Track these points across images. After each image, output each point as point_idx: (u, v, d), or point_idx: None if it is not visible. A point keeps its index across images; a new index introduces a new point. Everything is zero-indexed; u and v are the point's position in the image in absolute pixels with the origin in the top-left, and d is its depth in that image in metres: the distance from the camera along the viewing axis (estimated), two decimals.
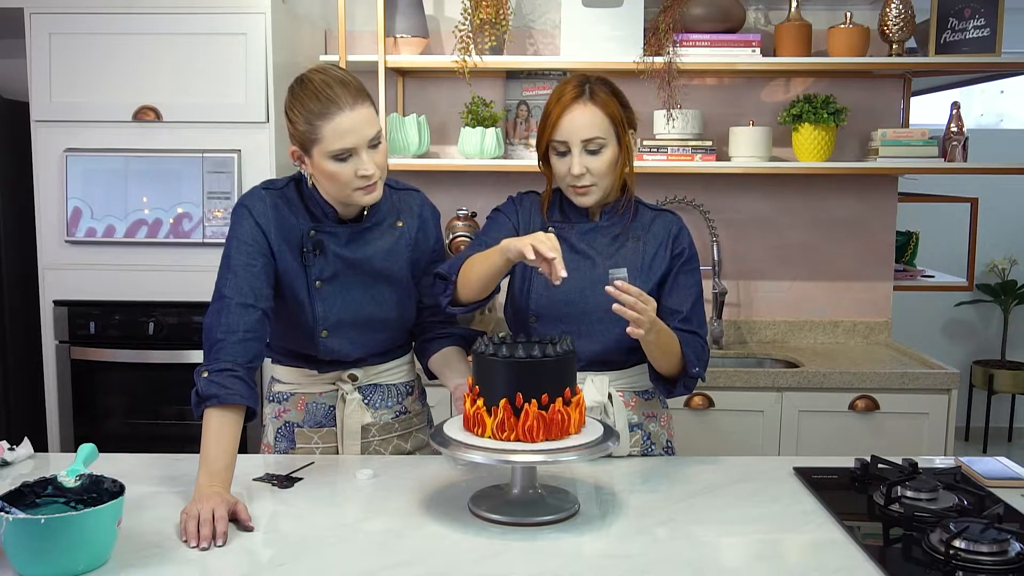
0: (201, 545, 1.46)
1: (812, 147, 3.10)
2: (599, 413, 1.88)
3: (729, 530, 1.56)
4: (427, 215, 1.99)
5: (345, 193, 1.76)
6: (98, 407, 2.93)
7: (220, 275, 1.78)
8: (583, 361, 1.88)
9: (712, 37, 3.06)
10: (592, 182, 1.85)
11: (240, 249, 1.78)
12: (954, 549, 1.41)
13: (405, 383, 2.04)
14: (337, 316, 1.87)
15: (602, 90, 1.85)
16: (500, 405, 1.53)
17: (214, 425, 1.65)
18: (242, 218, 1.81)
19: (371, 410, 1.98)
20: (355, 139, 1.71)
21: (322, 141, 1.71)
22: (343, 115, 1.69)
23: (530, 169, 3.01)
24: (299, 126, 1.72)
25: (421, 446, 2.06)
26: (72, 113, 2.83)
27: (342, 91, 1.71)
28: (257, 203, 1.82)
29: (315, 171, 1.76)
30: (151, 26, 2.79)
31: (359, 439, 1.97)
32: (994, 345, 5.31)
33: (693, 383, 1.89)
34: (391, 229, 1.92)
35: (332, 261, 1.85)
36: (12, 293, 3.16)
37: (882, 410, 2.86)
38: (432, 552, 1.46)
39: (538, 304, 1.90)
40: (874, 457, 1.81)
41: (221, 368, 1.68)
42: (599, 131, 1.83)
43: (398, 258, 1.91)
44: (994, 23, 2.97)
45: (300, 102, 1.72)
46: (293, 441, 1.98)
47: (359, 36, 3.27)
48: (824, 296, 3.42)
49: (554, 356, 1.55)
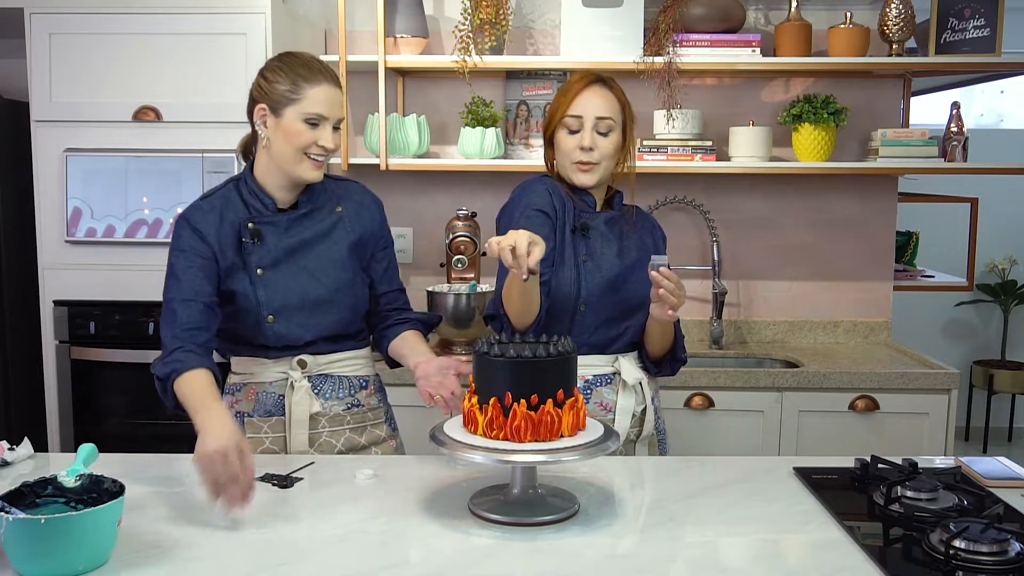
0: (234, 509, 1.52)
1: (812, 147, 3.10)
2: (633, 390, 2.02)
3: (729, 530, 1.56)
4: (368, 201, 2.07)
5: (297, 158, 1.88)
6: (98, 407, 2.93)
7: (165, 285, 1.89)
8: (621, 343, 2.03)
9: (712, 37, 3.06)
10: (597, 160, 1.97)
11: (179, 257, 1.89)
12: (954, 549, 1.41)
13: (359, 376, 2.05)
14: (281, 300, 1.93)
15: (616, 84, 2.02)
16: (490, 403, 1.53)
17: (185, 386, 1.72)
18: (181, 228, 1.92)
19: (320, 400, 1.99)
20: (329, 110, 1.88)
21: (301, 102, 1.86)
22: (326, 86, 1.88)
23: (530, 169, 3.01)
24: (279, 85, 1.87)
25: (377, 440, 2.07)
26: (72, 113, 2.83)
27: (327, 70, 1.91)
28: (194, 212, 1.94)
29: (278, 131, 1.88)
30: (151, 26, 2.79)
31: (307, 428, 1.98)
32: (994, 345, 5.31)
33: (679, 366, 2.10)
34: (330, 215, 2.01)
35: (272, 248, 1.94)
36: (12, 293, 3.16)
37: (882, 410, 2.86)
38: (432, 552, 1.46)
39: (588, 292, 1.98)
40: (874, 457, 1.81)
41: (170, 351, 1.79)
42: (612, 112, 1.97)
43: (338, 240, 1.99)
44: (994, 23, 2.97)
45: (288, 66, 1.88)
46: (243, 431, 1.98)
47: (359, 36, 3.27)
48: (824, 296, 3.42)
49: (545, 357, 1.54)
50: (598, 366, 2.01)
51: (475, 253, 3.09)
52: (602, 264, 1.99)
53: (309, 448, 1.99)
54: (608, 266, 1.99)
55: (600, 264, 1.99)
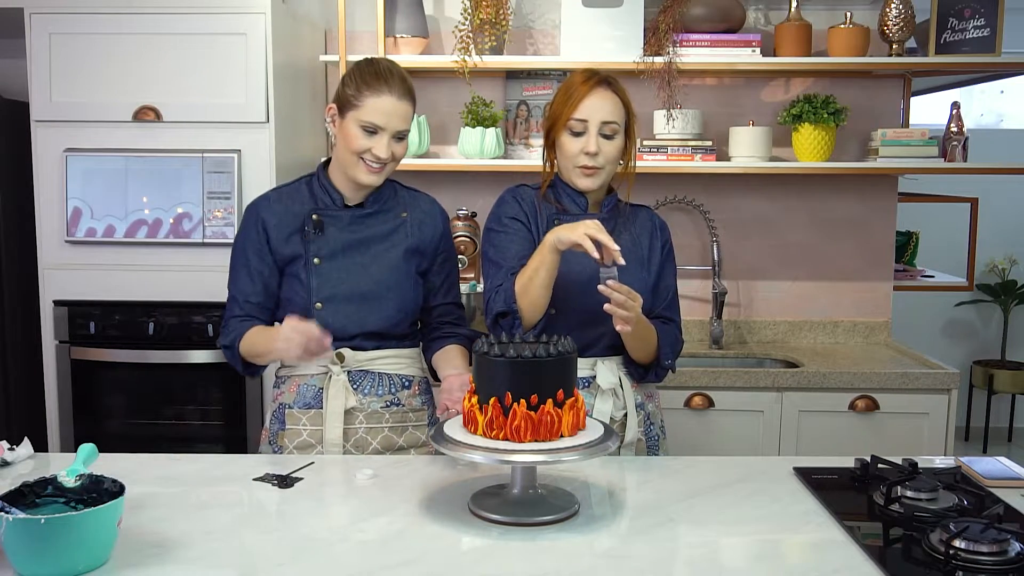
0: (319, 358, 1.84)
1: (812, 147, 3.10)
2: (612, 394, 1.98)
3: (729, 530, 1.56)
4: (435, 212, 2.12)
5: (353, 161, 1.94)
6: (98, 407, 2.93)
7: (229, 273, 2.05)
8: (600, 347, 1.99)
9: (712, 37, 3.07)
10: (602, 164, 1.95)
11: (239, 255, 2.03)
12: (954, 549, 1.41)
13: (401, 376, 2.05)
14: (331, 290, 1.98)
15: (619, 84, 1.99)
16: (490, 403, 1.53)
17: (248, 337, 1.95)
18: (246, 216, 2.04)
19: (359, 395, 2.00)
20: (385, 121, 1.91)
21: (359, 109, 1.91)
22: (387, 98, 1.91)
23: (530, 169, 3.02)
24: (348, 89, 1.93)
25: (416, 443, 2.06)
26: (72, 113, 2.83)
27: (397, 82, 1.93)
28: (261, 201, 2.05)
29: (340, 132, 1.95)
30: (151, 26, 2.79)
31: (342, 422, 1.98)
32: (994, 345, 5.31)
33: (664, 373, 2.03)
34: (395, 218, 2.05)
35: (331, 241, 1.99)
36: (12, 293, 3.16)
37: (882, 410, 2.86)
38: (432, 552, 1.46)
39: (555, 297, 1.94)
40: (874, 457, 1.81)
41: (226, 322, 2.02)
42: (616, 117, 1.95)
43: (397, 243, 2.03)
44: (994, 23, 2.97)
45: (361, 72, 1.94)
46: (284, 422, 2.02)
47: (359, 36, 3.27)
48: (824, 296, 3.42)
49: (545, 357, 1.54)
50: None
51: (475, 253, 3.09)
52: (574, 267, 1.92)
53: (344, 443, 1.99)
54: (580, 269, 1.92)
55: (572, 267, 1.92)
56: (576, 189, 2.01)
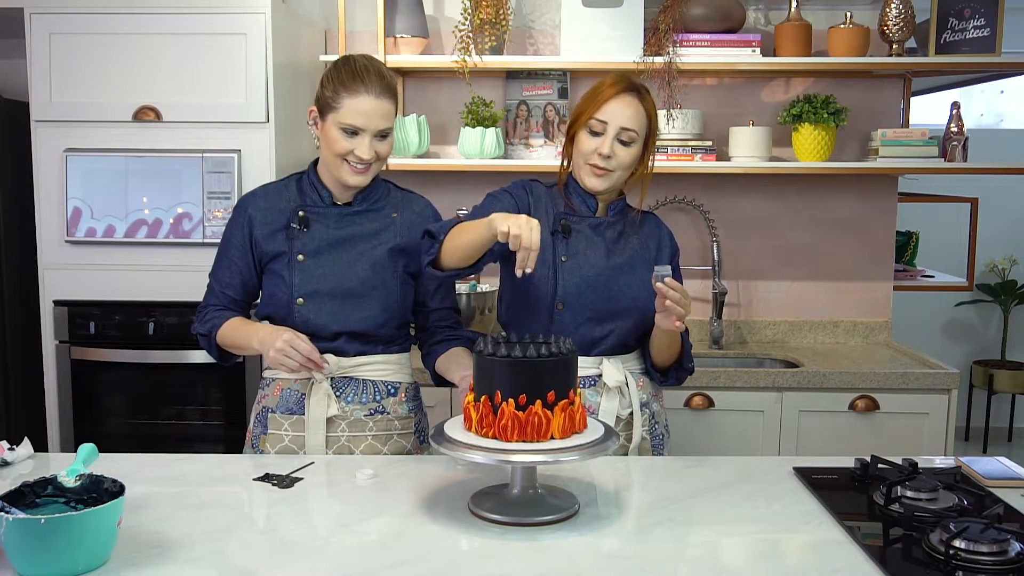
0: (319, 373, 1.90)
1: (812, 147, 3.10)
2: (618, 392, 1.98)
3: (729, 530, 1.56)
4: (428, 214, 2.08)
5: (337, 163, 1.93)
6: (98, 407, 2.93)
7: (214, 260, 2.08)
8: (606, 346, 1.99)
9: (712, 37, 3.07)
10: (613, 168, 1.95)
11: (226, 246, 2.04)
12: (954, 549, 1.41)
13: (387, 382, 2.02)
14: (313, 285, 1.96)
15: (649, 96, 2.01)
16: (481, 401, 1.53)
17: (227, 328, 1.97)
18: (235, 211, 2.06)
19: (341, 403, 1.97)
20: (365, 122, 1.89)
21: (338, 111, 1.89)
22: (365, 98, 1.88)
23: (530, 169, 3.01)
24: (327, 91, 1.92)
25: (402, 452, 2.03)
26: (72, 113, 2.83)
27: (376, 80, 1.90)
28: (248, 197, 2.06)
29: (321, 134, 1.95)
30: (151, 26, 2.79)
31: (323, 429, 1.96)
32: (994, 345, 5.31)
33: (685, 376, 2.06)
34: (385, 218, 2.04)
35: (317, 237, 1.99)
36: (12, 293, 3.16)
37: (882, 410, 2.86)
38: (432, 552, 1.46)
39: (565, 291, 1.96)
40: (874, 457, 1.81)
41: (203, 310, 2.04)
42: (637, 125, 1.96)
43: (384, 242, 2.01)
44: (994, 23, 2.97)
45: (337, 72, 1.92)
46: (266, 427, 2.01)
47: (359, 36, 3.27)
48: (824, 296, 3.42)
49: (536, 357, 1.53)
50: (582, 368, 1.97)
51: None
52: (582, 264, 1.96)
53: (326, 451, 1.96)
54: (589, 266, 1.96)
55: (580, 264, 1.96)
56: (584, 188, 2.01)
